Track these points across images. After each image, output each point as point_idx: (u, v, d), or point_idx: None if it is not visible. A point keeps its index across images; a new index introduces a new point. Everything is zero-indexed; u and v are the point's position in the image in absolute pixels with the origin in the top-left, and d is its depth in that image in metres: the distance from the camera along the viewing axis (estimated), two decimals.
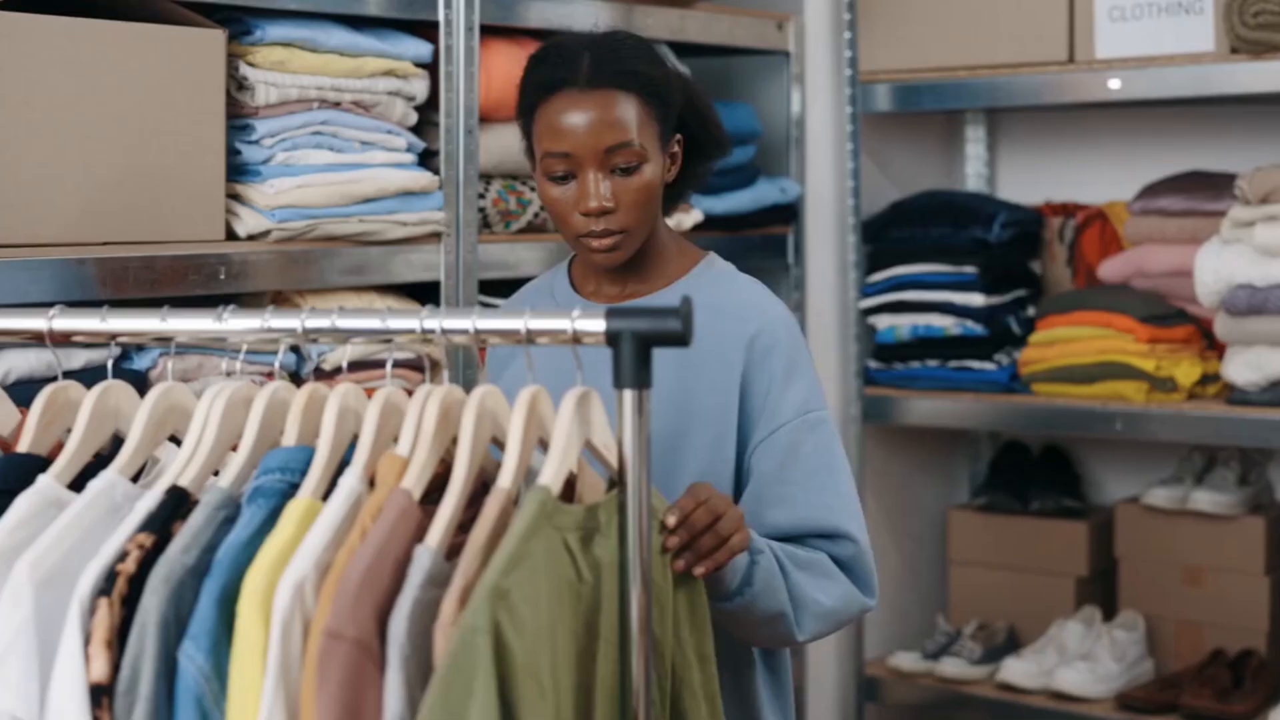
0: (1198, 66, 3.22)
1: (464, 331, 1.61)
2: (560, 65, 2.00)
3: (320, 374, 2.65)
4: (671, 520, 1.76)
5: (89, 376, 2.37)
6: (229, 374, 2.54)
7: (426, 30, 2.79)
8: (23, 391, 2.28)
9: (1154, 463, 3.77)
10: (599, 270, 2.11)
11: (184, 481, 1.61)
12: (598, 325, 1.58)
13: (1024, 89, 3.44)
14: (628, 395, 1.58)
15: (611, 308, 1.58)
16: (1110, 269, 3.48)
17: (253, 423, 1.64)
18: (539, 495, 1.53)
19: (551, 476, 1.56)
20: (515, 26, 2.91)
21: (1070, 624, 3.56)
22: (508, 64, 2.85)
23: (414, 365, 2.74)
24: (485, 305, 2.88)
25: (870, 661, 3.72)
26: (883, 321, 3.65)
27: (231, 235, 2.56)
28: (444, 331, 1.61)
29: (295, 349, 2.58)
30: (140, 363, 2.44)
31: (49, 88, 2.32)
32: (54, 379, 2.35)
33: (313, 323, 1.64)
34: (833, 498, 2.01)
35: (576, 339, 1.58)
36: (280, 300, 2.67)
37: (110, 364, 1.80)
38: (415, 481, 1.56)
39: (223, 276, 2.50)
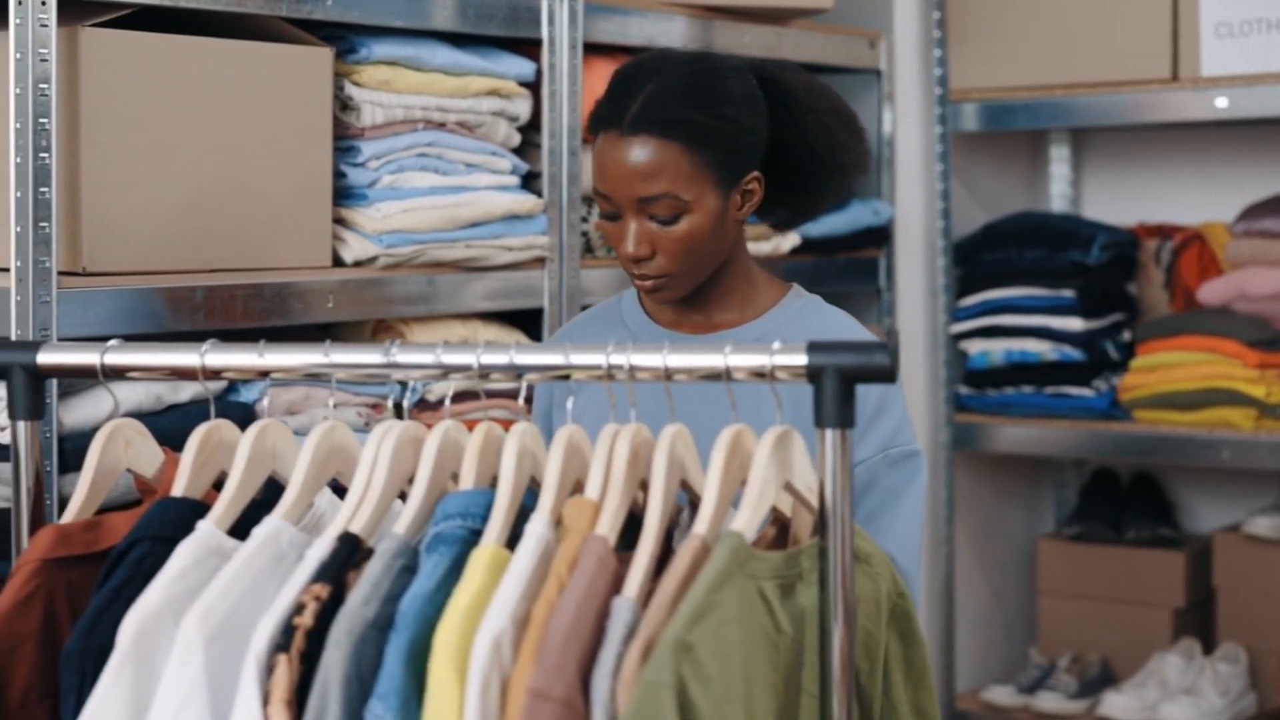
0: None
1: (654, 368, 1.51)
2: (610, 102, 1.95)
3: (425, 405, 2.56)
4: None
5: (197, 410, 2.29)
6: (335, 405, 2.48)
7: (526, 49, 2.70)
8: None
9: (1247, 490, 3.67)
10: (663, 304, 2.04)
11: (355, 527, 1.51)
12: (798, 360, 1.48)
13: (1124, 107, 3.35)
14: (830, 435, 1.48)
15: (814, 342, 1.49)
16: (1211, 292, 3.38)
17: (425, 465, 1.54)
18: (730, 542, 1.43)
19: (745, 522, 1.46)
20: (616, 44, 2.82)
21: (1170, 657, 3.46)
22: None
23: (513, 394, 2.64)
24: None
25: (961, 695, 3.62)
26: (974, 346, 3.56)
27: (337, 261, 2.47)
28: (631, 368, 1.52)
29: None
30: (246, 395, 2.35)
31: (156, 107, 2.23)
32: (159, 413, 2.29)
33: (489, 358, 1.55)
34: (888, 529, 1.95)
35: (774, 375, 1.49)
36: (381, 329, 2.58)
37: (275, 403, 1.70)
38: (609, 528, 1.46)
39: (330, 304, 2.41)
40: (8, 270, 2.09)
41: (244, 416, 2.30)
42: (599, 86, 2.74)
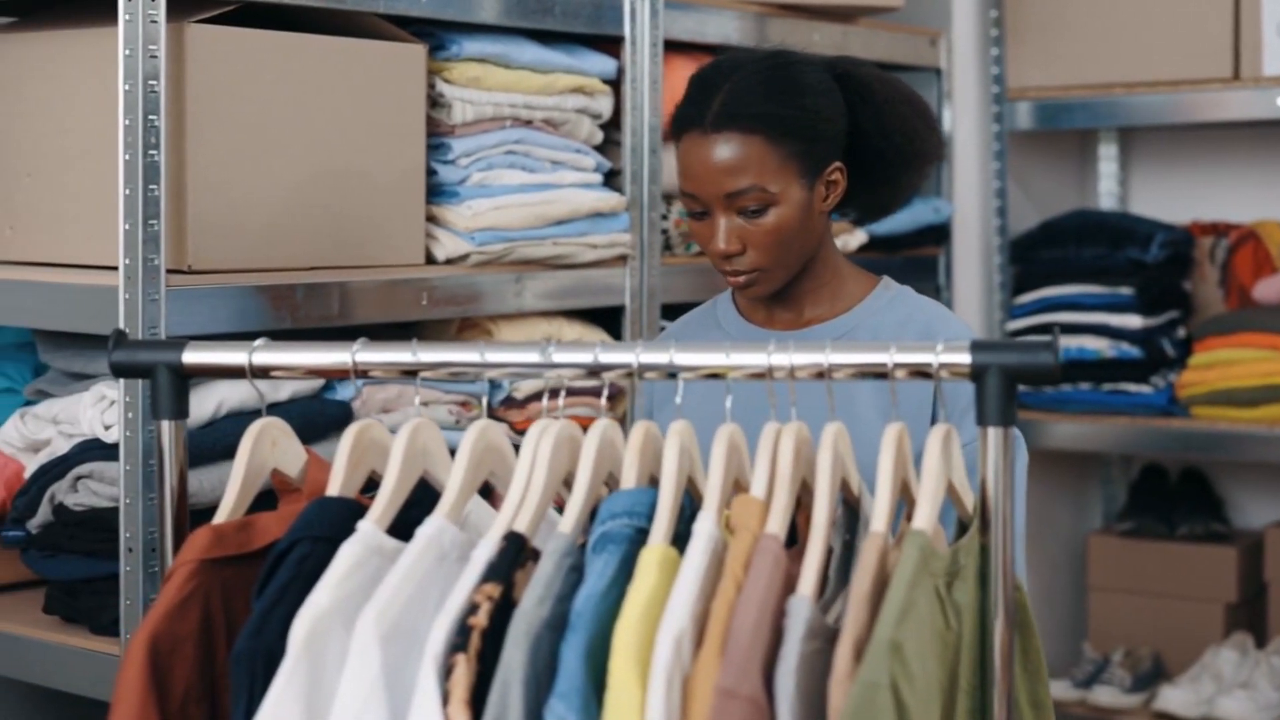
0: None
1: (815, 366, 1.52)
2: (691, 103, 1.98)
3: (511, 403, 2.56)
4: None
5: (297, 408, 2.28)
6: (424, 404, 2.48)
7: (606, 46, 2.71)
8: (233, 425, 2.19)
9: None
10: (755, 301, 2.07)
11: (519, 526, 1.51)
12: (962, 358, 1.49)
13: (1182, 106, 3.36)
14: (992, 434, 1.49)
15: (977, 341, 1.50)
16: (1266, 289, 3.40)
17: (586, 464, 1.54)
18: (918, 541, 1.44)
19: (925, 520, 1.47)
20: (694, 42, 2.82)
21: (1224, 651, 3.48)
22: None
23: (596, 392, 2.64)
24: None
25: None
26: None
27: (429, 259, 2.47)
28: (794, 368, 1.52)
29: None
30: (343, 393, 2.34)
31: (257, 104, 2.22)
32: (259, 413, 2.29)
33: (648, 357, 1.55)
34: None
35: (939, 374, 1.50)
36: (466, 327, 2.58)
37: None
38: (779, 526, 1.46)
39: (424, 302, 2.41)
40: (115, 269, 2.09)
41: (342, 415, 2.30)
42: (675, 84, 2.77)
